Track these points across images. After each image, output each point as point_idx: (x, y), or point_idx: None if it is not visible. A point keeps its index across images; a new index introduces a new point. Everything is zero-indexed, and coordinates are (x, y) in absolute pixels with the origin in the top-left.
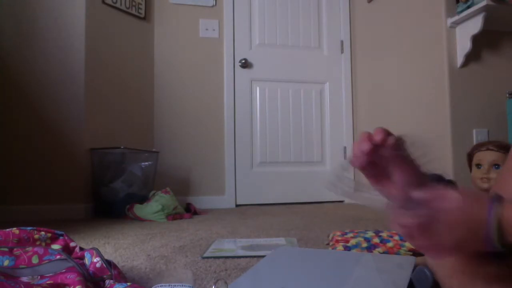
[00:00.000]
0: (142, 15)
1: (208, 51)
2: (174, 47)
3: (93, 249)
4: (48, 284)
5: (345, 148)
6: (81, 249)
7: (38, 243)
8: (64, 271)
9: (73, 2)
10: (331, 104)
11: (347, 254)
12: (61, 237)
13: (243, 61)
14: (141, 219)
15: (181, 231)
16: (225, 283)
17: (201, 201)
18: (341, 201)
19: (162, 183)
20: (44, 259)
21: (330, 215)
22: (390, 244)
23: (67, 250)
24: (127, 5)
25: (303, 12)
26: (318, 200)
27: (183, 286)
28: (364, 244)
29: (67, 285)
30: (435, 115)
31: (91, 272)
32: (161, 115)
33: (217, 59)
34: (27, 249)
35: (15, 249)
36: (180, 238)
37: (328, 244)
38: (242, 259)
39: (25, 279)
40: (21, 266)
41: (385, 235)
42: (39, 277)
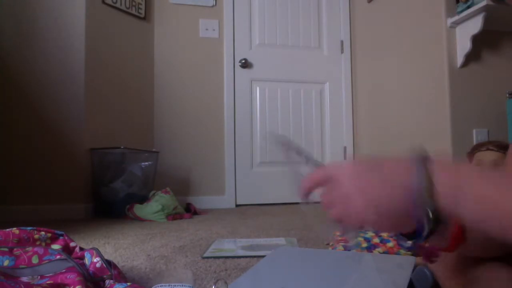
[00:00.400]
0: (142, 15)
1: (208, 51)
2: (174, 47)
3: (93, 249)
4: (48, 284)
5: (345, 148)
6: (81, 249)
7: (38, 243)
8: (64, 271)
9: (73, 2)
10: (331, 104)
11: (347, 254)
12: (61, 237)
13: (243, 61)
14: (141, 219)
15: (181, 231)
16: (225, 283)
17: (201, 201)
18: None
19: (162, 183)
20: (44, 259)
21: None
22: (390, 244)
23: (67, 250)
24: (127, 5)
25: (303, 12)
26: (318, 200)
27: (183, 286)
28: (364, 244)
29: (67, 285)
30: (435, 115)
31: (91, 272)
32: (161, 115)
33: (217, 59)
34: (27, 249)
35: (15, 249)
36: (180, 238)
37: (328, 244)
38: (242, 259)
39: (25, 279)
40: (21, 266)
41: (385, 235)
42: (39, 277)
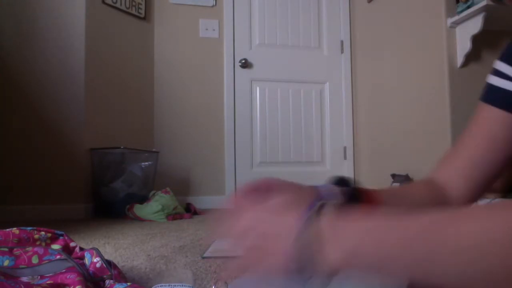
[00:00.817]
0: (142, 15)
1: (208, 51)
2: (174, 47)
3: (93, 249)
4: (48, 284)
5: (345, 148)
6: (81, 249)
7: (38, 243)
8: (64, 271)
9: (73, 2)
10: (331, 104)
11: None
12: (61, 237)
13: (243, 61)
14: (141, 219)
15: (181, 231)
16: (225, 283)
17: (201, 201)
18: None
19: (162, 183)
20: (44, 259)
21: None
22: None
23: (67, 250)
24: (127, 5)
25: (303, 12)
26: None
27: (183, 286)
28: None
29: (67, 285)
30: (435, 115)
31: (91, 272)
32: (161, 115)
33: (217, 59)
34: (27, 249)
35: (15, 249)
36: (180, 238)
37: None
38: None
39: (25, 279)
40: (21, 266)
41: None
42: (39, 277)
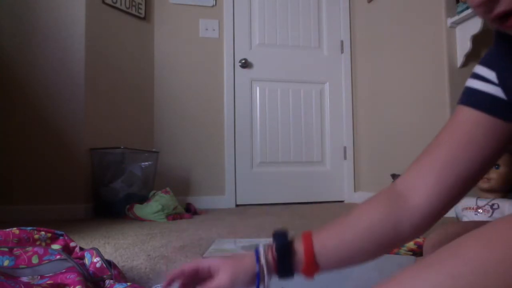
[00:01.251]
0: (142, 15)
1: (208, 51)
2: (174, 47)
3: (93, 249)
4: (48, 284)
5: (345, 148)
6: (81, 249)
7: (38, 243)
8: (64, 271)
9: (73, 2)
10: (331, 104)
11: None
12: (61, 237)
13: (243, 61)
14: (141, 219)
15: (181, 231)
16: None
17: (201, 201)
18: (341, 201)
19: (162, 183)
20: (44, 259)
21: (330, 215)
22: None
23: (67, 250)
24: (127, 5)
25: (303, 12)
26: (318, 200)
27: None
28: None
29: (67, 285)
30: (435, 115)
31: (91, 272)
32: (161, 115)
33: (217, 59)
34: (27, 249)
35: (15, 249)
36: (180, 238)
37: None
38: None
39: (25, 279)
40: (21, 266)
41: None
42: (39, 277)
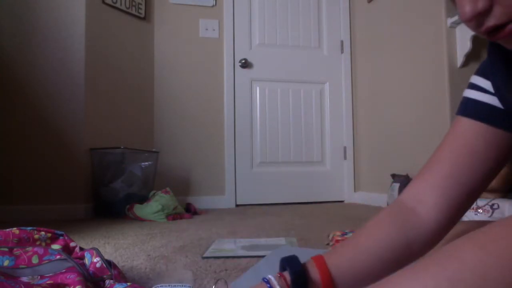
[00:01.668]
0: (142, 15)
1: (208, 51)
2: (174, 47)
3: (93, 249)
4: (48, 284)
5: (345, 148)
6: (81, 249)
7: (38, 243)
8: (64, 271)
9: (73, 2)
10: (331, 104)
11: None
12: (61, 237)
13: (243, 61)
14: (141, 219)
15: (181, 231)
16: (225, 283)
17: (201, 201)
18: (341, 201)
19: (162, 183)
20: (44, 259)
21: (330, 215)
22: None
23: (67, 250)
24: (127, 5)
25: (303, 12)
26: (318, 200)
27: (183, 286)
28: None
29: (67, 285)
30: (435, 115)
31: (91, 272)
32: (161, 115)
33: (217, 59)
34: (27, 249)
35: (15, 249)
36: (180, 238)
37: (328, 244)
38: (242, 259)
39: (25, 279)
40: (21, 266)
41: None
42: (39, 277)
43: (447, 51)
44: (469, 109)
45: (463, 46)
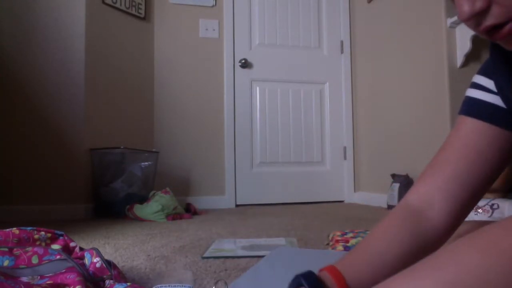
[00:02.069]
0: (142, 15)
1: (208, 51)
2: (174, 47)
3: (93, 249)
4: (48, 284)
5: (345, 148)
6: (81, 249)
7: (38, 243)
8: (64, 271)
9: (73, 2)
10: (331, 104)
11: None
12: (61, 237)
13: (243, 61)
14: (141, 219)
15: (181, 231)
16: (225, 283)
17: (201, 201)
18: (341, 201)
19: (162, 183)
20: (44, 259)
21: (330, 215)
22: None
23: (67, 250)
24: (127, 5)
25: (303, 12)
26: (318, 200)
27: (183, 286)
28: None
29: (67, 285)
30: (435, 115)
31: (91, 272)
32: (161, 115)
33: (217, 59)
34: (27, 249)
35: (15, 249)
36: (180, 238)
37: (328, 244)
38: (242, 259)
39: (25, 279)
40: (21, 266)
41: None
42: (39, 277)
43: (447, 51)
44: (472, 108)
45: (463, 46)
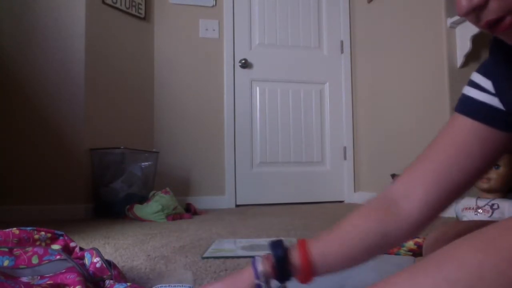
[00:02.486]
0: (142, 15)
1: (208, 51)
2: (174, 47)
3: (93, 249)
4: (48, 284)
5: (345, 148)
6: (81, 249)
7: (38, 243)
8: (64, 271)
9: (73, 2)
10: (331, 104)
11: None
12: (61, 237)
13: (243, 61)
14: (141, 219)
15: (181, 231)
16: None
17: (201, 201)
18: (341, 201)
19: (162, 183)
20: (44, 259)
21: (330, 215)
22: None
23: (67, 250)
24: (127, 5)
25: (303, 12)
26: (318, 200)
27: (183, 286)
28: None
29: (67, 285)
30: (435, 115)
31: (91, 272)
32: (161, 115)
33: (217, 59)
34: (27, 249)
35: (15, 249)
36: (180, 238)
37: None
38: (242, 259)
39: (25, 279)
40: (21, 266)
41: None
42: (39, 277)
43: (447, 51)
44: (468, 107)
45: (463, 46)
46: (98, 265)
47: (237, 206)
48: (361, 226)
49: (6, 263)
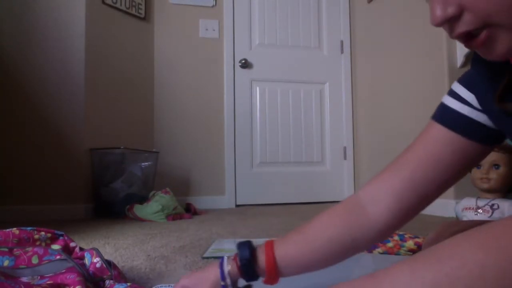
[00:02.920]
0: (142, 15)
1: (208, 51)
2: (174, 47)
3: (93, 249)
4: (48, 284)
5: (345, 148)
6: (81, 249)
7: (38, 243)
8: (64, 271)
9: (73, 2)
10: (331, 104)
11: None
12: (61, 237)
13: (243, 61)
14: (141, 219)
15: (181, 231)
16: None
17: (201, 201)
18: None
19: (162, 183)
20: (44, 259)
21: None
22: (390, 244)
23: (67, 250)
24: (127, 5)
25: (303, 12)
26: (318, 200)
27: None
28: None
29: (67, 285)
30: None
31: (91, 272)
32: (161, 115)
33: (217, 59)
34: (27, 249)
35: (15, 249)
36: (180, 238)
37: None
38: None
39: (25, 279)
40: (21, 266)
41: None
42: (39, 277)
43: (447, 51)
44: (447, 118)
45: (463, 46)
46: (98, 265)
47: (237, 206)
48: (329, 230)
49: (6, 263)
